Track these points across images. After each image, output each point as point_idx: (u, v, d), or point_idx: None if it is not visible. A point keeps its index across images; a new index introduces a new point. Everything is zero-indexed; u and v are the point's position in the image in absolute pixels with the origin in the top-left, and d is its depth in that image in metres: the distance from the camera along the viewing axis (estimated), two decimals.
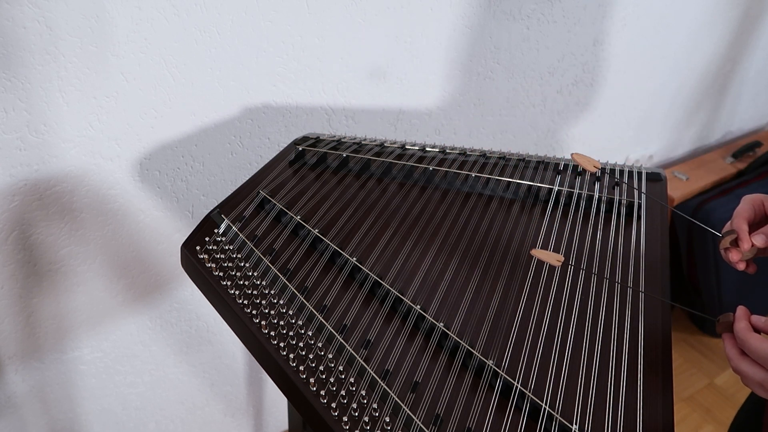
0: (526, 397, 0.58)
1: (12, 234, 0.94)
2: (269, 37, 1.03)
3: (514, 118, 1.52)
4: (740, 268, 0.63)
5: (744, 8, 1.83)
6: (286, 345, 0.65)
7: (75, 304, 1.06)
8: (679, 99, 1.91)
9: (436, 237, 0.79)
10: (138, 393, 1.25)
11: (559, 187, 0.86)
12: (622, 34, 1.57)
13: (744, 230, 0.62)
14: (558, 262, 0.65)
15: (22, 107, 0.86)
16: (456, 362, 0.62)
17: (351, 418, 0.58)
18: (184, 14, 0.93)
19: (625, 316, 0.67)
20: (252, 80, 1.05)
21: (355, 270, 0.73)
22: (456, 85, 1.35)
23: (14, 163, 0.89)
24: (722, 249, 0.64)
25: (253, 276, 0.73)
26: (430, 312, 0.68)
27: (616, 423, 0.56)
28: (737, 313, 0.55)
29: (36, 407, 1.12)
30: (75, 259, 1.02)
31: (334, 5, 1.07)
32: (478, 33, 1.30)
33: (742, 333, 0.52)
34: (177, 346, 1.25)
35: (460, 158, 0.95)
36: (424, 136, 1.37)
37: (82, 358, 1.12)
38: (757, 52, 2.02)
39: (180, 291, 1.19)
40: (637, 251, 0.77)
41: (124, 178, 1.01)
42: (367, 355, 0.63)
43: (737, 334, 0.53)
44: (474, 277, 0.73)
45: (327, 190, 0.88)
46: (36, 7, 0.81)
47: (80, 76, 0.88)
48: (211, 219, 0.83)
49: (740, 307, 0.55)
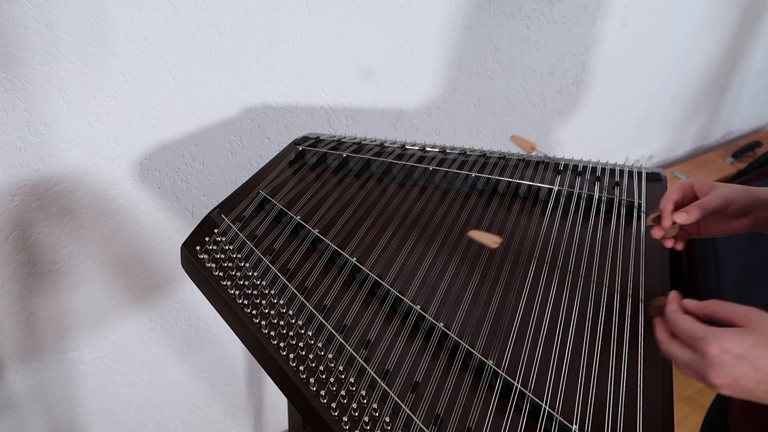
0: (526, 397, 0.58)
1: (12, 234, 0.94)
2: (269, 37, 1.03)
3: (514, 118, 1.52)
4: (667, 245, 0.68)
5: (744, 8, 1.83)
6: (286, 345, 0.65)
7: (75, 304, 1.06)
8: (679, 99, 1.91)
9: (436, 237, 0.79)
10: (138, 393, 1.25)
11: (559, 187, 0.86)
12: (622, 34, 1.57)
13: (667, 209, 0.66)
14: (495, 244, 0.67)
15: (22, 107, 0.86)
16: (456, 362, 0.62)
17: (351, 418, 0.58)
18: (184, 14, 0.93)
19: (625, 316, 0.67)
20: (252, 80, 1.05)
21: (355, 270, 0.73)
22: (456, 85, 1.35)
23: (14, 163, 0.89)
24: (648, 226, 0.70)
25: (253, 276, 0.73)
26: (430, 312, 0.68)
27: (616, 423, 0.56)
28: (669, 296, 0.55)
29: (36, 407, 1.12)
30: (75, 259, 1.02)
31: (334, 5, 1.07)
32: (478, 33, 1.30)
33: (673, 314, 0.53)
34: (177, 346, 1.25)
35: (460, 158, 0.95)
36: (424, 136, 1.37)
37: (82, 358, 1.12)
38: (757, 52, 2.02)
39: (180, 291, 1.19)
40: (637, 251, 0.77)
41: (124, 178, 1.01)
42: (367, 355, 0.63)
43: (668, 316, 0.53)
44: (474, 277, 0.73)
45: (327, 190, 0.88)
46: (36, 7, 0.81)
47: (80, 76, 0.88)
48: (211, 219, 0.83)
49: (672, 291, 0.55)
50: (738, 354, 0.48)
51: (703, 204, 0.65)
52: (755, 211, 0.67)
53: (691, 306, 0.53)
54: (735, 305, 0.51)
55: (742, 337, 0.48)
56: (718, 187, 0.66)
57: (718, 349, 0.48)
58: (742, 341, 0.48)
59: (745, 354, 0.47)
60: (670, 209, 0.66)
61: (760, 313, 0.49)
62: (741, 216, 0.68)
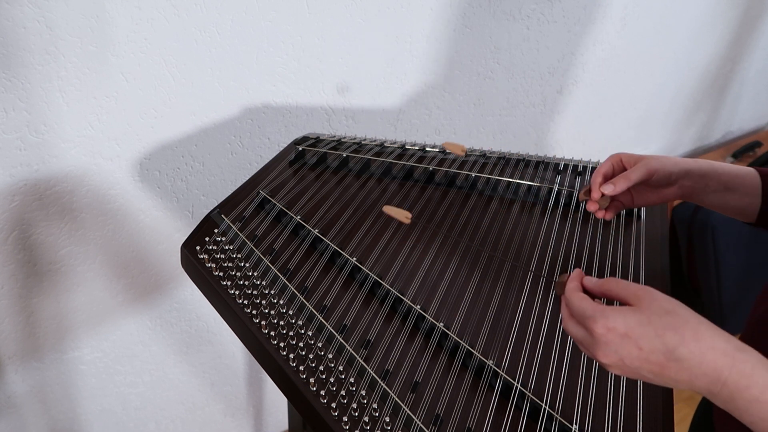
0: (526, 397, 0.58)
1: (12, 234, 0.94)
2: (269, 37, 1.03)
3: (514, 118, 1.52)
4: (599, 215, 0.71)
5: (744, 8, 1.83)
6: (286, 345, 0.65)
7: (75, 304, 1.06)
8: (679, 99, 1.91)
9: (436, 237, 0.79)
10: (138, 393, 1.25)
11: (559, 187, 0.86)
12: (622, 34, 1.57)
13: (596, 182, 0.69)
14: (407, 219, 0.69)
15: (22, 107, 0.86)
16: (456, 362, 0.62)
17: (351, 418, 0.58)
18: (184, 14, 0.93)
19: None
20: (252, 80, 1.05)
21: (355, 270, 0.73)
22: (456, 85, 1.35)
23: (14, 163, 0.89)
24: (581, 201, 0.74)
25: (253, 276, 0.73)
26: (430, 312, 0.68)
27: (616, 423, 0.56)
28: (571, 274, 0.55)
29: (36, 407, 1.12)
30: (75, 259, 1.02)
31: (334, 5, 1.07)
32: (478, 33, 1.30)
33: (569, 292, 0.53)
34: (177, 346, 1.25)
35: (460, 158, 0.95)
36: (424, 136, 1.37)
37: (82, 358, 1.12)
38: (757, 52, 2.02)
39: (180, 291, 1.19)
40: (638, 251, 0.77)
41: (124, 178, 1.01)
42: (367, 355, 0.63)
43: (565, 294, 0.53)
44: (474, 277, 0.73)
45: (327, 190, 0.88)
46: (36, 7, 0.81)
47: (80, 76, 0.88)
48: (211, 219, 0.83)
49: (576, 269, 0.55)
50: (622, 333, 0.47)
51: (628, 175, 0.67)
52: (681, 180, 0.70)
53: (590, 284, 0.53)
54: (629, 283, 0.50)
55: (627, 315, 0.47)
56: (644, 158, 0.69)
57: (604, 327, 0.48)
58: (626, 320, 0.47)
59: (629, 333, 0.47)
60: (599, 182, 0.69)
61: (651, 292, 0.49)
62: (667, 185, 0.71)
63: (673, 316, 0.46)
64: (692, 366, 0.45)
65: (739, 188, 0.69)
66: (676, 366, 0.46)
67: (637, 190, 0.72)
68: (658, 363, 0.46)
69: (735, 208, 0.71)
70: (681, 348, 0.45)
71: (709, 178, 0.69)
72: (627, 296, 0.50)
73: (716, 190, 0.70)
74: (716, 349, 0.45)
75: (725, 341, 0.45)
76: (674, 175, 0.69)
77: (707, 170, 0.69)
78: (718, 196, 0.70)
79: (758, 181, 0.69)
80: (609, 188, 0.67)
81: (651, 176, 0.68)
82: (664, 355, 0.46)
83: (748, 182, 0.69)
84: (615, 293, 0.51)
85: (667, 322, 0.46)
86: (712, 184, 0.69)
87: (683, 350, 0.45)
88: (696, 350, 0.45)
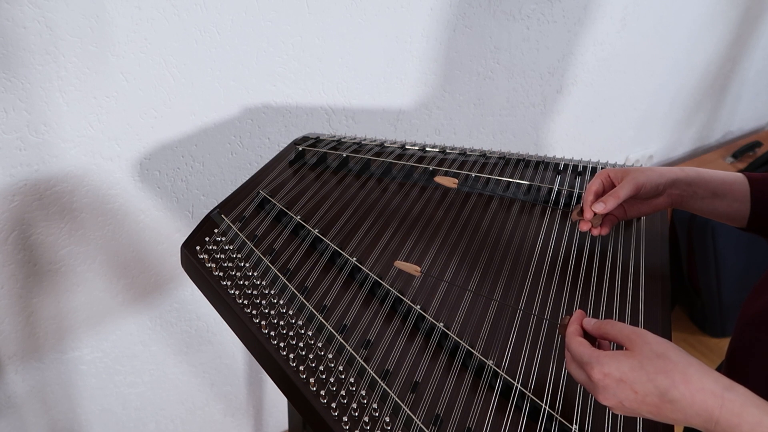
0: (526, 397, 0.58)
1: (12, 234, 0.94)
2: (269, 37, 1.03)
3: (514, 118, 1.52)
4: (594, 233, 0.72)
5: (744, 8, 1.83)
6: (286, 345, 0.65)
7: (75, 304, 1.06)
8: (679, 99, 1.91)
9: (436, 237, 0.79)
10: (138, 393, 1.25)
11: (559, 187, 0.86)
12: (622, 34, 1.57)
13: (588, 201, 0.71)
14: (417, 272, 0.70)
15: (22, 107, 0.86)
16: (456, 362, 0.62)
17: (351, 418, 0.58)
18: (184, 14, 0.93)
19: (626, 316, 0.67)
20: (252, 80, 1.05)
21: (355, 270, 0.73)
22: (456, 85, 1.35)
23: (14, 163, 0.89)
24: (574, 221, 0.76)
25: (253, 276, 0.73)
26: (430, 312, 0.68)
27: (616, 423, 0.56)
28: (573, 316, 0.57)
29: (36, 407, 1.12)
30: (75, 259, 1.02)
31: (334, 5, 1.07)
32: (478, 33, 1.30)
33: (568, 337, 0.54)
34: (177, 346, 1.25)
35: (460, 158, 0.95)
36: (424, 136, 1.37)
37: (82, 358, 1.12)
38: (757, 52, 2.02)
39: (180, 291, 1.19)
40: (638, 251, 0.77)
41: (124, 178, 1.01)
42: (367, 355, 0.63)
43: (566, 339, 0.55)
44: (474, 277, 0.73)
45: (327, 190, 0.88)
46: (36, 7, 0.81)
47: (80, 76, 0.88)
48: (211, 219, 0.83)
49: (578, 310, 0.57)
50: (617, 378, 0.49)
51: (616, 192, 0.69)
52: (668, 190, 0.71)
53: (588, 326, 0.55)
54: (624, 326, 0.52)
55: (620, 361, 0.49)
56: (630, 172, 0.70)
57: (600, 373, 0.49)
58: (620, 366, 0.49)
59: (623, 378, 0.48)
60: (590, 201, 0.71)
61: (643, 336, 0.50)
62: (656, 196, 0.72)
63: (663, 360, 0.48)
64: (685, 407, 0.47)
65: (728, 194, 0.71)
66: (670, 407, 0.48)
67: (628, 203, 0.73)
68: (654, 404, 0.48)
69: (725, 213, 0.72)
70: (672, 391, 0.47)
71: (696, 186, 0.71)
72: (621, 340, 0.51)
73: (705, 196, 0.71)
74: (705, 390, 0.47)
75: (713, 381, 0.47)
76: (661, 186, 0.70)
77: (694, 178, 0.71)
78: (707, 203, 0.72)
79: (747, 187, 0.70)
80: (600, 207, 0.69)
81: (639, 190, 0.69)
82: (658, 398, 0.48)
83: (736, 188, 0.71)
84: (612, 336, 0.53)
85: (658, 366, 0.48)
86: (700, 192, 0.71)
87: (675, 393, 0.47)
88: (686, 392, 0.47)
